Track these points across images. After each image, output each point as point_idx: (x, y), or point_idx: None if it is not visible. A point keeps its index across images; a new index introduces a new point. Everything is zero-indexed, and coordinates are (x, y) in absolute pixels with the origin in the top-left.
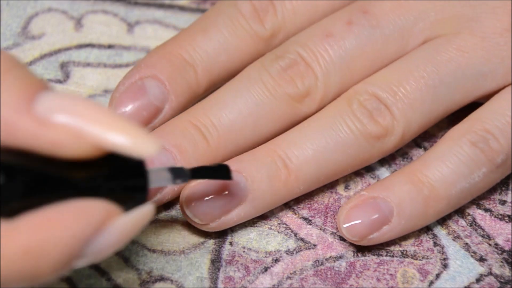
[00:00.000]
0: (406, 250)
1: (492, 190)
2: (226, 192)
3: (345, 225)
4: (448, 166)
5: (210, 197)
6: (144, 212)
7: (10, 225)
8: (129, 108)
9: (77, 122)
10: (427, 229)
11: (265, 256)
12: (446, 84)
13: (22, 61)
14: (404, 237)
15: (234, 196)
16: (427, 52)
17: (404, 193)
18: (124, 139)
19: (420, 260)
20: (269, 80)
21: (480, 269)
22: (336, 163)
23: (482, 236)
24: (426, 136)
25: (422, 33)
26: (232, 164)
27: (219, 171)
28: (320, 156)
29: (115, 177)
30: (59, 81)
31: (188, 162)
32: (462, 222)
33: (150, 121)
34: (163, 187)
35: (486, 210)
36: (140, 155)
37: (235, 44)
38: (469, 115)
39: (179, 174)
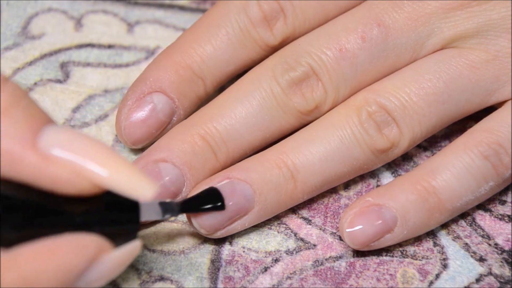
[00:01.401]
0: (406, 250)
1: None
2: (231, 203)
3: (348, 230)
4: (457, 177)
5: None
6: (132, 248)
7: (8, 254)
8: (138, 127)
9: (77, 159)
10: None
11: (265, 256)
12: (454, 100)
13: (26, 93)
14: None
15: (241, 208)
16: (438, 65)
17: (409, 204)
18: (123, 180)
19: (420, 260)
20: (279, 93)
21: (480, 269)
22: (341, 174)
23: (482, 236)
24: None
25: (434, 47)
26: (240, 173)
27: (210, 201)
28: (326, 169)
29: (108, 213)
30: (59, 81)
31: (197, 178)
32: (462, 222)
33: (156, 134)
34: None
35: (486, 210)
36: (137, 197)
37: (244, 54)
38: (479, 122)
39: (168, 209)
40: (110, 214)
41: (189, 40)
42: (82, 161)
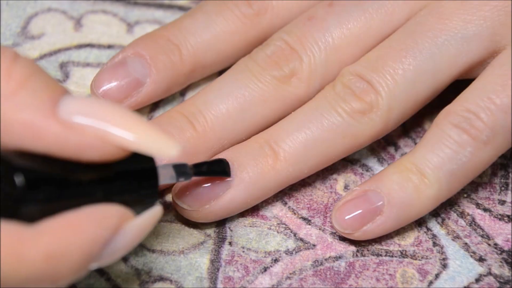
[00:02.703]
0: (405, 250)
1: (492, 190)
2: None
3: (337, 220)
4: (433, 151)
5: (198, 184)
6: (154, 213)
7: (32, 230)
8: (109, 83)
9: (101, 124)
10: (426, 229)
11: (265, 256)
12: (427, 53)
13: (40, 67)
14: (403, 237)
15: (221, 179)
16: (408, 27)
17: (392, 182)
18: (148, 141)
19: (419, 260)
20: (254, 67)
21: (480, 269)
22: (323, 143)
23: (482, 236)
24: (424, 133)
25: (406, 5)
26: (221, 154)
27: (219, 167)
28: (305, 136)
29: (127, 181)
30: (59, 81)
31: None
32: (461, 222)
33: (130, 93)
34: None
35: (485, 210)
36: (163, 157)
37: (221, 24)
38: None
39: (182, 171)
40: (129, 182)
41: (172, 21)
42: (106, 126)
